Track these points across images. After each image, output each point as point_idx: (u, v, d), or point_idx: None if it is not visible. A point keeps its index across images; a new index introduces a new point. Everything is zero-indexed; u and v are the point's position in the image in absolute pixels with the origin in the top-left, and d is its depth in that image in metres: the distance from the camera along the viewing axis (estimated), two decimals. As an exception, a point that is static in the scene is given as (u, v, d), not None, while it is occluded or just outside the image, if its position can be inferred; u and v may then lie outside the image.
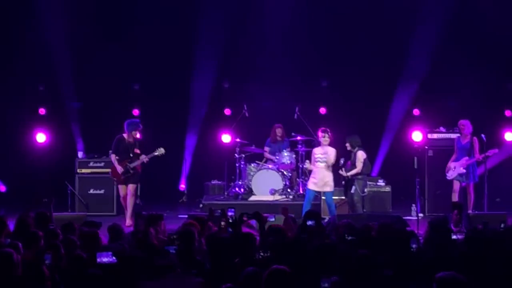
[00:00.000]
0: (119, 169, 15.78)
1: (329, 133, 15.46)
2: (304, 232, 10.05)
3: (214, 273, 7.81)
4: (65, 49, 18.52)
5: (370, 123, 18.78)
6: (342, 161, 15.50)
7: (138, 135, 16.02)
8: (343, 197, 16.19)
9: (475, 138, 16.13)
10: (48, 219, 10.81)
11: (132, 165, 15.84)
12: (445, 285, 6.21)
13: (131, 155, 15.88)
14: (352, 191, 15.23)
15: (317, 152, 15.47)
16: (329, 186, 15.31)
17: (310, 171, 15.70)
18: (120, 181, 15.96)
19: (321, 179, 15.31)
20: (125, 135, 15.94)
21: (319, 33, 18.92)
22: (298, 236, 9.79)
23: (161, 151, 16.04)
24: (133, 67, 18.93)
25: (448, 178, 16.27)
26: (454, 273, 6.33)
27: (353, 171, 15.27)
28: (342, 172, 15.34)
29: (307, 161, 16.04)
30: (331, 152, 15.31)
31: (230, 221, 10.40)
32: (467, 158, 16.10)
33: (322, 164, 15.28)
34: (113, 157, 15.95)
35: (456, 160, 16.22)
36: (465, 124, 16.24)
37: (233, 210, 10.67)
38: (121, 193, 16.01)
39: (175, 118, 19.29)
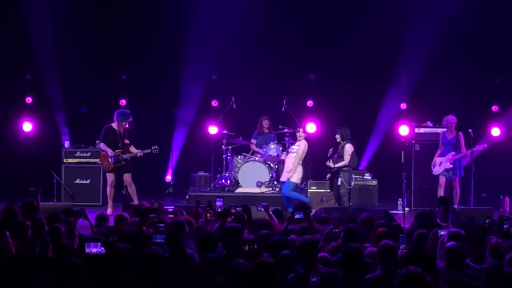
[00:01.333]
0: (110, 153, 15.72)
1: (303, 129, 15.48)
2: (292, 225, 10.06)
3: (203, 266, 7.82)
4: (52, 38, 18.40)
5: (357, 117, 18.78)
6: (330, 151, 15.54)
7: (127, 126, 15.98)
8: (329, 190, 16.21)
9: (460, 133, 16.16)
10: (35, 209, 10.77)
11: (124, 156, 15.82)
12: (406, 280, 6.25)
13: (120, 145, 15.84)
14: (338, 183, 15.25)
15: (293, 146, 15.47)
16: (290, 176, 15.24)
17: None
18: (110, 169, 15.91)
19: (285, 168, 15.32)
20: (113, 125, 15.90)
21: (308, 26, 18.90)
22: (286, 229, 9.78)
23: (156, 149, 16.04)
24: (121, 57, 18.85)
25: (434, 173, 16.30)
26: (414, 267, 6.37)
27: (340, 163, 15.29)
28: (330, 164, 15.35)
29: (284, 152, 16.17)
30: (301, 144, 15.30)
31: (219, 210, 10.35)
32: (453, 153, 16.13)
33: (293, 155, 15.27)
34: (103, 145, 15.89)
35: (442, 155, 16.25)
36: (451, 120, 16.27)
37: (222, 200, 10.60)
38: (109, 180, 15.95)
39: (162, 109, 19.24)
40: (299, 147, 15.31)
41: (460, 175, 16.21)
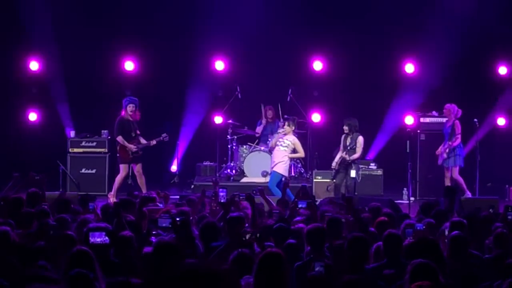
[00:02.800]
0: (132, 148, 15.76)
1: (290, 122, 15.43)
2: (296, 214, 10.07)
3: (206, 255, 7.84)
4: (57, 27, 18.43)
5: (363, 106, 18.77)
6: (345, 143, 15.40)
7: (135, 113, 15.94)
8: (334, 180, 16.20)
9: (457, 122, 16.06)
10: (40, 198, 10.78)
11: (140, 146, 15.88)
12: (417, 270, 6.24)
13: (133, 134, 15.89)
14: (353, 175, 15.16)
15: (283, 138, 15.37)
16: (278, 167, 15.22)
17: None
18: (127, 161, 15.95)
19: (273, 159, 15.32)
20: (124, 115, 15.94)
21: (314, 15, 18.85)
22: (290, 218, 9.80)
23: (165, 136, 16.09)
24: (127, 46, 18.84)
25: (438, 163, 16.29)
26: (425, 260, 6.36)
27: (355, 156, 15.23)
28: (346, 156, 15.23)
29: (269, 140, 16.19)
30: (296, 142, 15.31)
31: (222, 201, 10.37)
32: (448, 142, 16.08)
33: (282, 148, 15.22)
34: (121, 138, 15.89)
35: (444, 145, 16.24)
36: (449, 108, 16.22)
37: (225, 190, 10.61)
38: (124, 172, 15.97)
39: (168, 99, 19.22)
40: (295, 145, 15.22)
41: (458, 164, 16.10)
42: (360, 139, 15.28)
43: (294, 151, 15.22)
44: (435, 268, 6.20)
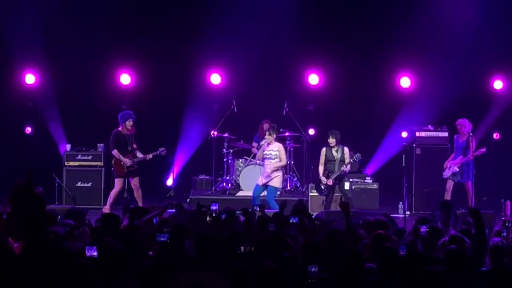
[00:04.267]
0: (127, 162, 15.76)
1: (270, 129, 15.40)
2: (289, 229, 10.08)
3: (200, 266, 7.83)
4: (53, 39, 18.47)
5: (358, 120, 18.82)
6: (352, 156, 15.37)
7: (131, 128, 15.94)
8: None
9: (472, 137, 16.11)
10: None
11: (136, 160, 15.86)
12: (429, 277, 6.24)
13: (129, 148, 15.88)
14: (347, 187, 15.18)
15: (268, 148, 15.34)
16: (274, 182, 15.22)
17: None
18: (122, 175, 15.94)
19: (265, 173, 15.28)
20: (120, 129, 15.94)
21: (310, 28, 18.87)
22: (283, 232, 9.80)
23: (163, 150, 16.08)
24: (123, 60, 18.86)
25: (443, 176, 16.30)
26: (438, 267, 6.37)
27: (348, 167, 15.23)
28: (346, 168, 15.23)
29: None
30: (281, 149, 15.32)
31: (214, 215, 10.38)
32: (461, 157, 16.13)
33: (273, 161, 15.22)
34: (116, 152, 15.87)
35: (453, 159, 16.27)
36: (462, 123, 16.24)
37: (217, 204, 10.61)
38: (119, 186, 15.94)
39: (164, 112, 19.22)
40: (280, 152, 15.24)
41: (470, 180, 16.13)
42: (347, 150, 15.32)
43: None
44: (445, 274, 6.22)
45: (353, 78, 18.90)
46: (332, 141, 15.28)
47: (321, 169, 15.40)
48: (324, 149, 15.40)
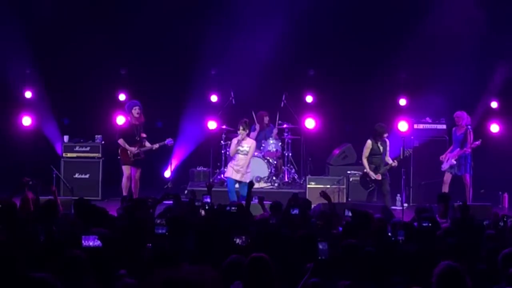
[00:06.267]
0: (133, 150, 15.76)
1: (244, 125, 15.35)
2: (287, 221, 10.09)
3: (200, 259, 7.83)
4: (52, 30, 18.44)
5: (357, 112, 18.81)
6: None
7: (138, 115, 15.92)
8: (328, 186, 16.24)
9: (470, 130, 16.10)
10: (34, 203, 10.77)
11: (143, 149, 15.88)
12: (445, 277, 6.18)
13: (137, 138, 15.88)
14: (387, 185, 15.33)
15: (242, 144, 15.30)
16: (246, 178, 15.21)
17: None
18: (130, 162, 15.95)
19: (240, 168, 15.25)
20: (129, 119, 15.96)
21: (308, 21, 18.84)
22: (280, 224, 9.81)
23: (170, 141, 16.10)
24: (120, 51, 18.83)
25: (442, 169, 16.31)
26: (450, 262, 6.31)
27: (396, 162, 15.35)
28: (395, 164, 15.28)
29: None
30: (252, 145, 15.35)
31: (206, 207, 10.40)
32: (458, 149, 16.14)
33: (245, 155, 15.24)
34: (122, 141, 15.89)
35: (451, 151, 16.28)
36: (460, 116, 16.25)
37: (209, 197, 10.64)
38: (126, 173, 15.97)
39: (163, 104, 19.20)
40: (251, 149, 15.24)
41: (468, 172, 16.13)
42: (388, 143, 15.50)
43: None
44: (463, 271, 6.18)
45: (351, 70, 18.88)
46: (386, 134, 15.29)
47: (365, 162, 15.39)
48: (369, 142, 15.38)
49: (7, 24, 18.28)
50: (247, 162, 15.16)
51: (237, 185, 15.30)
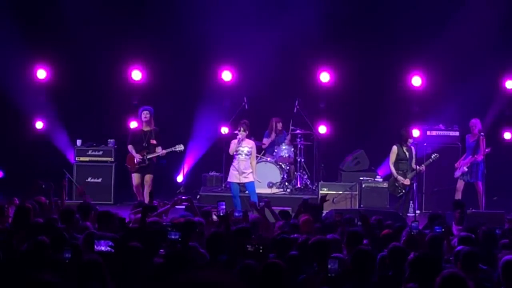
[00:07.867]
0: (137, 157, 15.78)
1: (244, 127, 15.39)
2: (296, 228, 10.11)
3: (212, 265, 7.85)
4: (66, 35, 18.48)
5: (369, 118, 18.77)
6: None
7: (146, 120, 15.92)
8: (340, 192, 16.24)
9: (482, 137, 16.08)
10: (47, 207, 10.79)
11: (148, 156, 15.87)
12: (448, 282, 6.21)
13: (145, 144, 15.87)
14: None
15: (242, 145, 15.32)
16: (251, 177, 15.31)
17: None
18: (134, 170, 15.95)
19: (244, 169, 15.28)
20: (139, 125, 16.01)
21: (321, 27, 18.81)
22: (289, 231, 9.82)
23: (180, 147, 16.09)
24: (134, 56, 18.85)
25: (454, 176, 16.30)
26: (456, 270, 6.34)
27: (424, 167, 15.42)
28: (422, 168, 15.36)
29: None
30: (254, 146, 15.39)
31: (221, 214, 10.38)
32: (470, 157, 16.14)
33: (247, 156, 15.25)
34: (130, 147, 15.95)
35: (465, 159, 16.28)
36: (474, 123, 16.25)
37: (223, 203, 10.58)
38: (135, 181, 15.99)
39: (175, 109, 19.20)
40: (253, 150, 15.28)
41: (479, 180, 16.10)
42: (413, 148, 15.58)
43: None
44: (465, 278, 6.20)
45: (364, 76, 18.84)
46: (411, 140, 15.35)
47: (393, 168, 15.42)
48: (395, 147, 15.44)
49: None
50: (248, 164, 15.17)
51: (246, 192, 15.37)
